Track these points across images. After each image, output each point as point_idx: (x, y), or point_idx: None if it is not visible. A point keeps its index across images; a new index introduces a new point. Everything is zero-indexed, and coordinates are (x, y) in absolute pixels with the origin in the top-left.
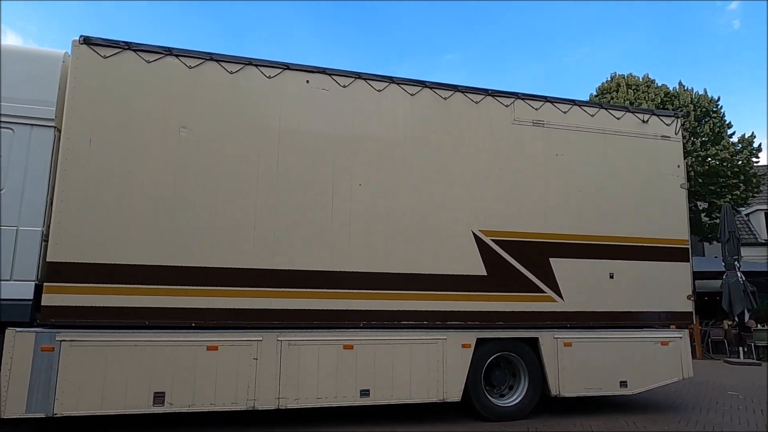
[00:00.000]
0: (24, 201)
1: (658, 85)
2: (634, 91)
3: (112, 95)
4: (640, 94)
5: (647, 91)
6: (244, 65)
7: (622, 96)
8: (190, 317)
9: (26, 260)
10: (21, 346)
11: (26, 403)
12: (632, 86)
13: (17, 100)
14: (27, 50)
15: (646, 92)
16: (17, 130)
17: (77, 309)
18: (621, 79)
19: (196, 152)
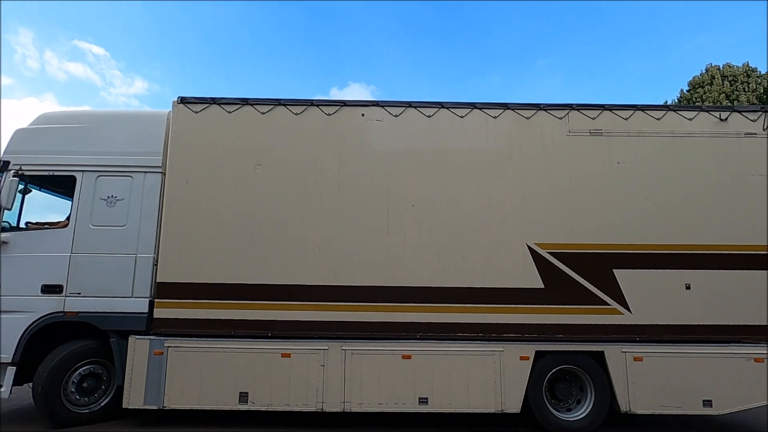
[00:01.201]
0: (141, 234)
1: (761, 74)
2: (731, 83)
3: (203, 142)
4: (738, 85)
5: (746, 81)
6: (307, 107)
7: (717, 89)
8: (267, 328)
9: (143, 281)
10: (139, 350)
11: (144, 396)
12: (729, 77)
13: (135, 153)
14: (140, 113)
15: (745, 83)
16: (135, 177)
17: (180, 321)
18: (716, 70)
19: (269, 186)
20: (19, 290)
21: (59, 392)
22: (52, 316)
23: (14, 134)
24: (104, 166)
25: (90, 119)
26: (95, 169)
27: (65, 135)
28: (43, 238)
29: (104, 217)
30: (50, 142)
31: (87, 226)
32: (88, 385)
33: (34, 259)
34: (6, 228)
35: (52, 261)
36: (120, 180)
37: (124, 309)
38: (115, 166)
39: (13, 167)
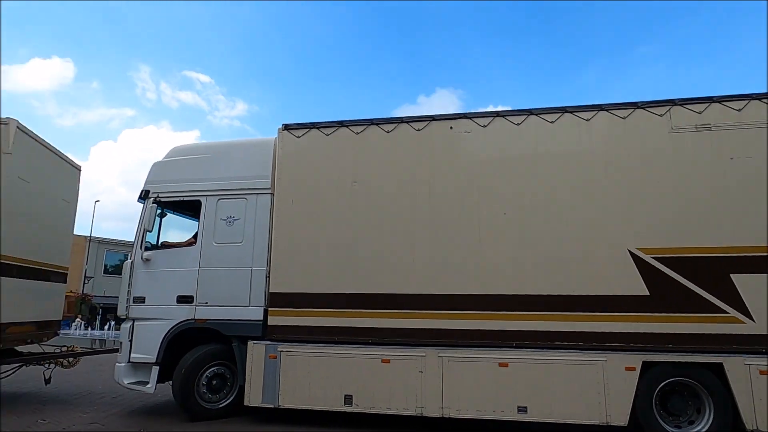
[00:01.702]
0: (255, 249)
1: None
2: None
3: (305, 164)
4: None
5: None
6: (397, 124)
7: None
8: (367, 335)
9: (258, 291)
10: (257, 354)
11: (262, 396)
12: None
13: (248, 177)
14: (252, 141)
15: None
16: (249, 199)
17: (290, 327)
18: None
19: (365, 200)
20: (160, 300)
21: (193, 389)
22: (185, 323)
23: (152, 166)
24: (223, 190)
25: (211, 150)
26: (216, 194)
27: (192, 165)
28: (177, 255)
29: (224, 235)
30: (180, 172)
31: (211, 243)
32: (215, 384)
33: (171, 273)
34: (148, 247)
35: (185, 275)
36: (237, 202)
37: (243, 317)
38: (232, 190)
39: (152, 195)
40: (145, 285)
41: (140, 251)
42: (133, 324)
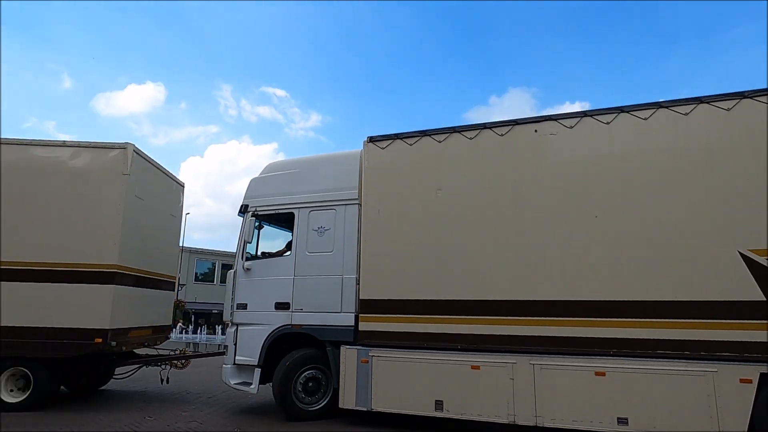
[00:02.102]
0: (345, 257)
1: None
2: None
3: (390, 174)
4: None
5: None
6: (480, 130)
7: None
8: (456, 341)
9: (349, 298)
10: (349, 358)
11: (355, 399)
12: None
13: (336, 189)
14: (339, 154)
15: None
16: (338, 210)
17: (380, 333)
18: None
19: (450, 207)
20: (260, 307)
21: (290, 391)
22: (283, 328)
23: (250, 182)
24: (314, 203)
25: (302, 165)
26: (308, 206)
27: (285, 180)
28: (274, 264)
29: (316, 245)
30: (275, 187)
31: (304, 253)
32: (311, 386)
33: (269, 281)
34: (249, 257)
35: (281, 283)
36: (326, 213)
37: (335, 322)
38: (322, 202)
39: (250, 209)
40: (246, 292)
41: (242, 261)
42: (237, 329)
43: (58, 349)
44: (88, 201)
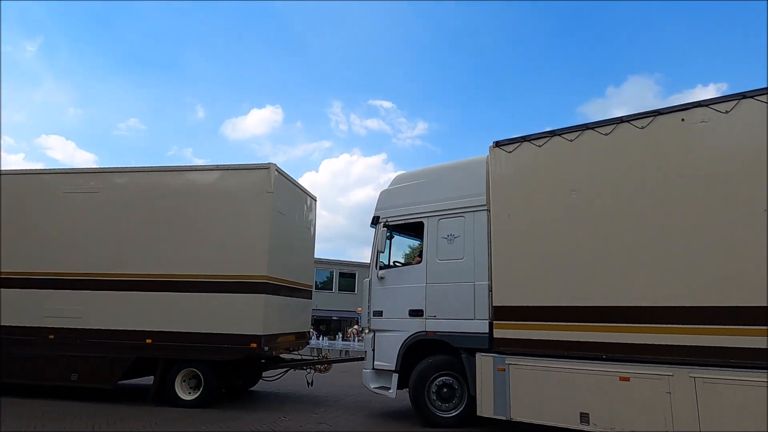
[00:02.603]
0: (476, 264)
1: None
2: None
3: (518, 178)
4: None
5: None
6: (616, 125)
7: None
8: (601, 350)
9: (482, 305)
10: (485, 366)
11: (493, 407)
12: None
13: (464, 196)
14: (464, 162)
15: None
16: (467, 216)
17: (516, 340)
18: None
19: (586, 209)
20: (395, 314)
21: (423, 396)
22: (418, 335)
23: (380, 195)
24: (442, 211)
25: (428, 174)
26: (436, 214)
27: (413, 190)
28: (407, 272)
29: (447, 253)
30: (403, 198)
31: (435, 261)
32: (445, 393)
33: (402, 289)
34: (382, 267)
35: (414, 290)
36: (455, 220)
37: (469, 329)
38: (450, 210)
39: (381, 220)
40: (381, 300)
41: (376, 270)
42: (375, 335)
43: (221, 353)
44: (239, 218)
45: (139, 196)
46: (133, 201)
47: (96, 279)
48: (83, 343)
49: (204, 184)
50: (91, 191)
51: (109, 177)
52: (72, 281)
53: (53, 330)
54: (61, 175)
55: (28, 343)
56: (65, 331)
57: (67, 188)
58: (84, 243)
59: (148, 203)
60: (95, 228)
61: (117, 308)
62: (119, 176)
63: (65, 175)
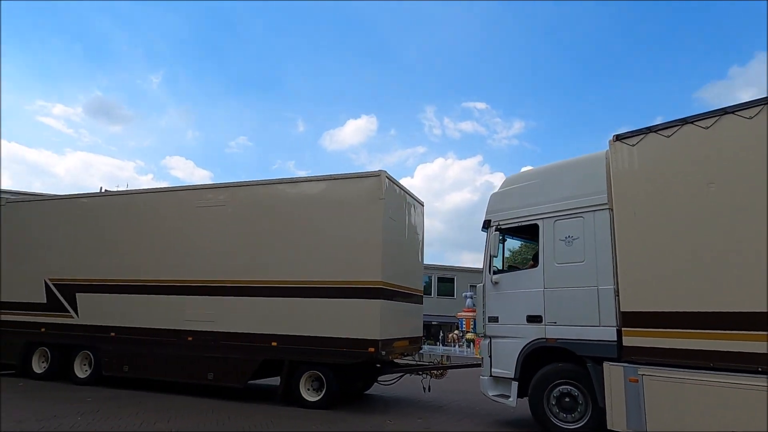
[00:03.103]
0: (598, 267)
1: None
2: None
3: (644, 172)
4: None
5: None
6: (763, 106)
7: None
8: (754, 362)
9: (607, 311)
10: (615, 377)
11: (626, 421)
12: None
13: (582, 195)
14: (579, 159)
15: None
16: (586, 217)
17: (650, 349)
18: None
19: (726, 203)
20: (511, 320)
21: (543, 405)
22: (537, 342)
23: (490, 198)
24: (558, 212)
25: (541, 174)
26: (552, 215)
27: (525, 192)
28: (522, 276)
29: (565, 256)
30: (515, 200)
31: (552, 264)
32: (566, 403)
33: (518, 294)
34: (496, 271)
35: (531, 295)
36: (573, 221)
37: (594, 337)
38: (567, 210)
39: (493, 224)
40: (496, 306)
41: (489, 275)
42: (491, 341)
43: (341, 356)
44: (353, 225)
45: (260, 208)
46: (256, 212)
47: (226, 286)
48: (217, 345)
49: (319, 194)
50: (219, 204)
51: (234, 191)
52: (206, 288)
53: (191, 332)
54: (194, 191)
55: (171, 344)
56: (201, 333)
57: (198, 203)
58: (215, 253)
59: (269, 214)
60: (224, 239)
61: (245, 313)
62: (243, 190)
63: (197, 191)
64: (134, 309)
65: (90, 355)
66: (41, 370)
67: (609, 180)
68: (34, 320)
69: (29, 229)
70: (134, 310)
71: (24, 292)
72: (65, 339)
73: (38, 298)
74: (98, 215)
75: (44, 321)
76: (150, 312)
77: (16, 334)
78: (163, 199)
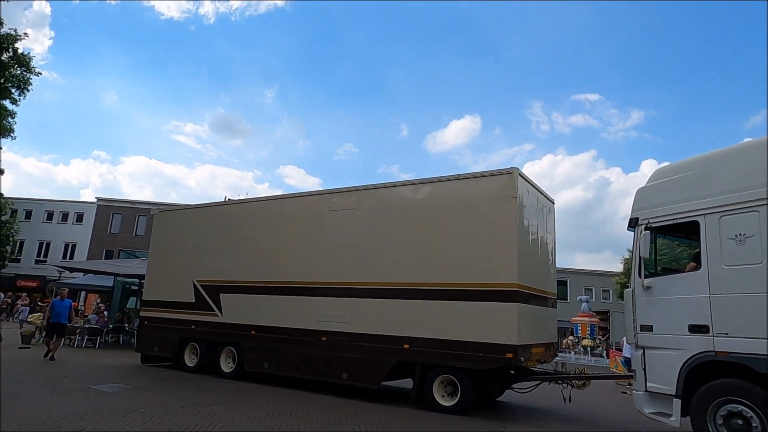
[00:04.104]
0: None
1: None
2: None
3: None
4: None
5: None
6: None
7: None
8: None
9: None
10: None
11: None
12: None
13: (755, 186)
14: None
15: None
16: (761, 211)
17: None
18: None
19: None
20: (670, 329)
21: (705, 426)
22: (703, 355)
23: (637, 193)
24: (725, 206)
25: (698, 165)
26: (716, 210)
27: (679, 185)
28: (681, 281)
29: (736, 256)
30: (668, 195)
31: (720, 266)
32: (738, 425)
33: (677, 300)
34: (648, 274)
35: (694, 302)
36: (745, 216)
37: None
38: (736, 204)
39: (642, 222)
40: (649, 313)
41: (640, 279)
42: (644, 352)
43: (476, 361)
44: (484, 225)
45: (388, 210)
46: (384, 215)
47: (358, 287)
48: (350, 346)
49: (448, 194)
50: (348, 208)
51: (362, 194)
52: (337, 289)
53: (325, 333)
54: (323, 196)
55: (305, 343)
56: (334, 334)
57: (328, 206)
58: (345, 255)
59: (397, 216)
60: (353, 241)
61: (378, 314)
62: (370, 193)
63: (325, 196)
64: (271, 309)
65: (233, 351)
66: (192, 364)
67: None
68: (186, 318)
69: (178, 235)
70: (271, 309)
71: (176, 292)
72: (212, 336)
73: (188, 298)
74: (237, 221)
75: (194, 319)
76: (285, 312)
77: (171, 330)
78: (295, 204)
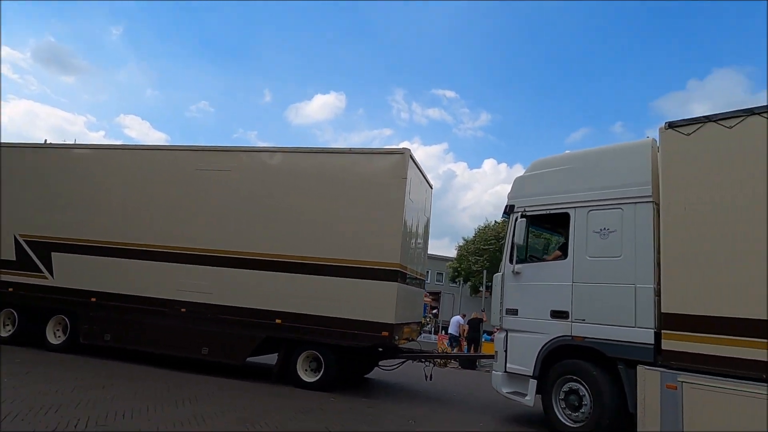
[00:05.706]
0: (637, 264)
1: None
2: None
3: (698, 164)
4: None
5: None
6: None
7: None
8: None
9: (645, 311)
10: (650, 382)
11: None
12: None
13: (622, 185)
14: (621, 146)
15: None
16: (625, 209)
17: (691, 355)
18: None
19: None
20: (533, 314)
21: (551, 403)
22: (561, 339)
23: (515, 181)
24: (595, 201)
25: (576, 160)
26: (586, 205)
27: (556, 177)
28: (547, 268)
29: (599, 249)
30: (544, 185)
31: (584, 257)
32: (573, 401)
33: (542, 287)
34: (518, 260)
35: (557, 289)
36: (611, 212)
37: (628, 338)
38: (605, 200)
39: (518, 209)
40: (516, 297)
41: (510, 265)
42: (507, 335)
43: (351, 339)
44: (372, 202)
45: (272, 177)
46: (266, 181)
47: (229, 257)
48: (214, 319)
49: (337, 167)
50: (224, 169)
51: (243, 156)
52: (204, 257)
53: (185, 303)
54: (195, 153)
55: (160, 314)
56: (196, 305)
57: (200, 165)
58: (215, 220)
59: (281, 184)
60: (227, 206)
61: (249, 286)
62: (253, 155)
63: (198, 153)
64: (120, 274)
65: (66, 319)
66: (7, 334)
67: (655, 171)
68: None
69: None
70: (120, 275)
71: None
72: (36, 301)
73: (6, 255)
74: (81, 169)
75: (12, 280)
76: (138, 278)
77: None
78: (159, 158)
